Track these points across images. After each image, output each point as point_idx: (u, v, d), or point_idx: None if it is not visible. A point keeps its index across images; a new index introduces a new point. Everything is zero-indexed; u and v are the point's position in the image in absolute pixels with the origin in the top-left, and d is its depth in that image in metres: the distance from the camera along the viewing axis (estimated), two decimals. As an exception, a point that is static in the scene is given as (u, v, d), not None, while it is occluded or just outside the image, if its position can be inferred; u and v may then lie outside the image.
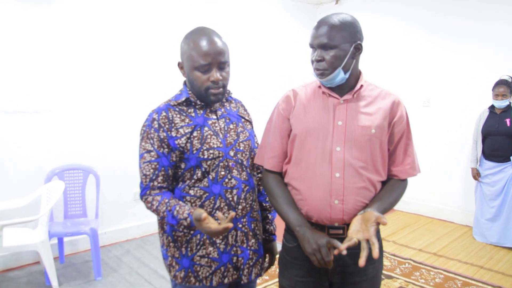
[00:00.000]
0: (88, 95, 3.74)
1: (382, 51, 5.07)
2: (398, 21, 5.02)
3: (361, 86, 1.45)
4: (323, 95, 1.46)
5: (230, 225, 1.26)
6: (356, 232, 1.26)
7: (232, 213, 1.28)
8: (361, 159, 1.41)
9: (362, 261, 1.18)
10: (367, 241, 1.22)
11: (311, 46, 1.42)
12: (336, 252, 1.26)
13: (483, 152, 4.02)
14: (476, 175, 4.08)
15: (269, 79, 5.23)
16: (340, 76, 1.39)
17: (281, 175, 1.55)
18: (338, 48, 1.36)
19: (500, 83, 3.84)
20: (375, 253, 1.18)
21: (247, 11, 4.96)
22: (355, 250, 1.43)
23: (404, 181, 1.51)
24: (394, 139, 1.46)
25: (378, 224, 1.26)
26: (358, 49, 1.41)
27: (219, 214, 1.33)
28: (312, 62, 1.42)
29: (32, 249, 2.88)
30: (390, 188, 1.47)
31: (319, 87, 1.47)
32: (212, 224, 1.29)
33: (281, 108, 1.52)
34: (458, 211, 4.64)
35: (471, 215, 4.35)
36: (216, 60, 1.43)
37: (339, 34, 1.35)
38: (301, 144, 1.45)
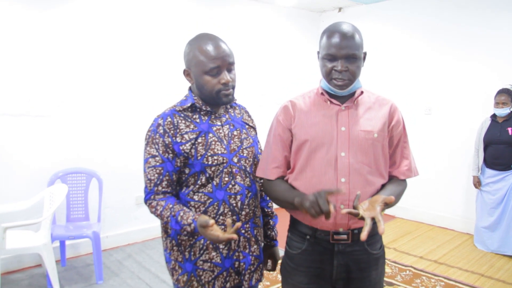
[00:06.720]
0: (92, 100, 3.77)
1: (384, 59, 5.10)
2: (400, 29, 5.04)
3: (362, 92, 1.50)
4: (324, 103, 1.49)
5: (235, 236, 1.28)
6: (362, 211, 1.26)
7: (238, 224, 1.30)
8: (366, 163, 1.44)
9: (363, 235, 1.17)
10: (372, 219, 1.22)
11: (332, 56, 1.40)
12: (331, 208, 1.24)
13: (485, 161, 4.03)
14: (477, 183, 4.09)
15: (272, 85, 5.26)
16: (358, 84, 1.47)
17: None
18: (360, 59, 1.43)
19: (502, 91, 3.88)
20: (381, 229, 1.18)
21: (250, 18, 4.99)
22: (358, 256, 1.46)
23: (404, 180, 1.55)
24: (393, 143, 1.51)
25: (385, 204, 1.27)
26: (365, 57, 1.49)
27: (228, 220, 1.34)
28: (329, 72, 1.42)
29: (34, 251, 2.88)
30: (393, 183, 1.50)
31: (322, 94, 1.50)
32: (216, 232, 1.31)
33: (281, 119, 1.54)
34: (459, 219, 4.64)
35: (472, 223, 4.35)
36: (225, 62, 1.47)
37: (361, 44, 1.43)
38: (305, 151, 1.47)
